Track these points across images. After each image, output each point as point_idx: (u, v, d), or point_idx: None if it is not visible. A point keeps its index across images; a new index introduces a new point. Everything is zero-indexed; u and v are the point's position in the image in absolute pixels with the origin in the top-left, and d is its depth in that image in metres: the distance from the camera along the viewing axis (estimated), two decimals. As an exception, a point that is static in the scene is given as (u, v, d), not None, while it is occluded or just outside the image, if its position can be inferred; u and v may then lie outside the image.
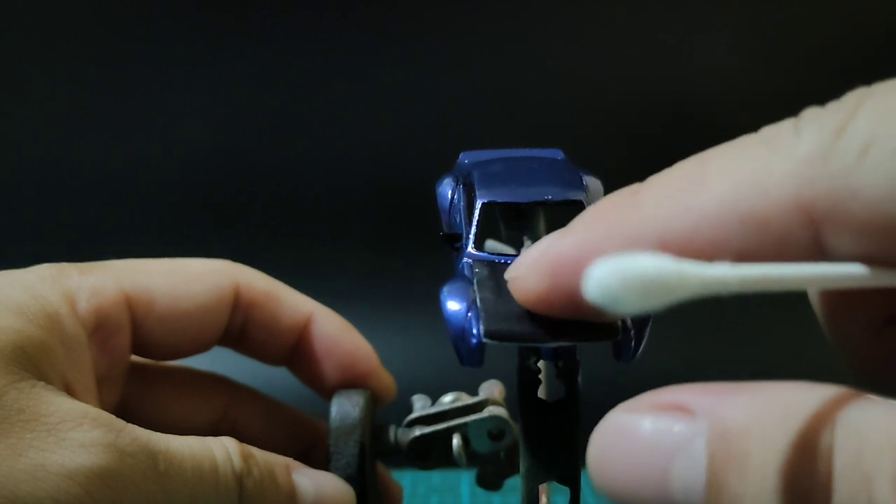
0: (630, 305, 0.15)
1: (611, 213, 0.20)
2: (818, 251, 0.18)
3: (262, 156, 0.60)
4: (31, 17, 0.58)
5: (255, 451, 0.28)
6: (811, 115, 0.18)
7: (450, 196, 0.29)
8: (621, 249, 0.16)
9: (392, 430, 0.33)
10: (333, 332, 0.34)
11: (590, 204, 0.26)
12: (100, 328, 0.29)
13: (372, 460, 0.33)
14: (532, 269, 0.21)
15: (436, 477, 0.47)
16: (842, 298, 0.21)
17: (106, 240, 0.58)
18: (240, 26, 0.59)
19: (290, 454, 0.30)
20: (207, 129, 0.60)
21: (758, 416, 0.17)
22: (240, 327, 0.33)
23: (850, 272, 0.18)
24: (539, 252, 0.21)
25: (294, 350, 0.34)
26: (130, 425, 0.25)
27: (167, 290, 0.31)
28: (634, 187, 0.20)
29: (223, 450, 0.27)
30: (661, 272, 0.15)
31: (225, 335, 0.33)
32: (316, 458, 0.32)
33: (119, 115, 0.60)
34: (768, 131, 0.19)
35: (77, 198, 0.60)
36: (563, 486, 0.25)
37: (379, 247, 0.60)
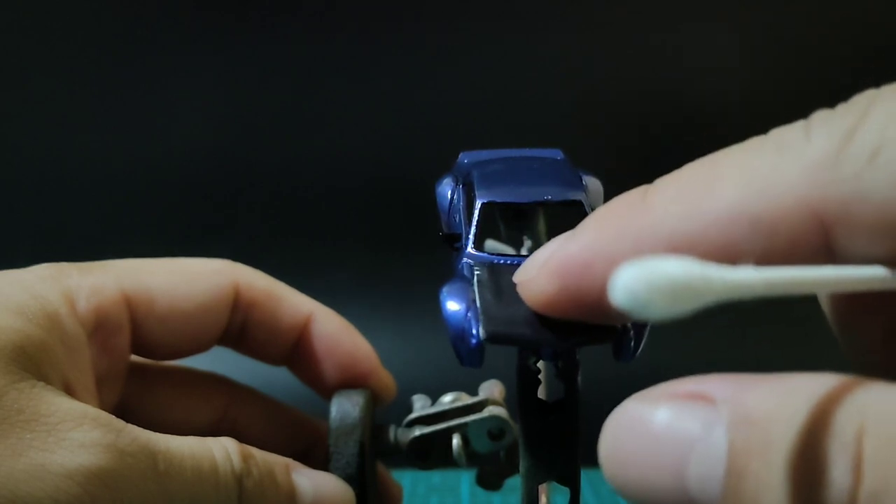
0: (657, 310, 0.15)
1: (620, 214, 0.20)
2: (828, 254, 0.18)
3: (262, 156, 0.60)
4: (31, 17, 0.59)
5: (254, 451, 0.28)
6: (821, 117, 0.18)
7: (449, 196, 0.29)
8: (630, 252, 0.16)
9: (392, 430, 0.33)
10: (333, 331, 0.34)
11: (589, 204, 0.26)
12: (100, 328, 0.29)
13: (372, 460, 0.32)
14: (541, 271, 0.21)
15: (436, 477, 0.47)
16: (855, 301, 0.21)
17: (106, 240, 0.59)
18: (240, 26, 0.59)
19: (290, 454, 0.30)
20: (207, 129, 0.60)
21: (781, 402, 0.16)
22: (240, 327, 0.33)
23: (872, 275, 0.17)
24: (548, 254, 0.21)
25: (294, 350, 0.34)
26: (130, 425, 0.25)
27: (167, 290, 0.31)
28: (643, 189, 0.20)
29: (223, 450, 0.27)
30: (687, 276, 0.15)
31: (225, 335, 0.33)
32: (316, 458, 0.32)
33: (119, 115, 0.60)
34: (778, 133, 0.19)
35: (77, 198, 0.61)
36: (563, 486, 0.25)
37: (379, 247, 0.60)
